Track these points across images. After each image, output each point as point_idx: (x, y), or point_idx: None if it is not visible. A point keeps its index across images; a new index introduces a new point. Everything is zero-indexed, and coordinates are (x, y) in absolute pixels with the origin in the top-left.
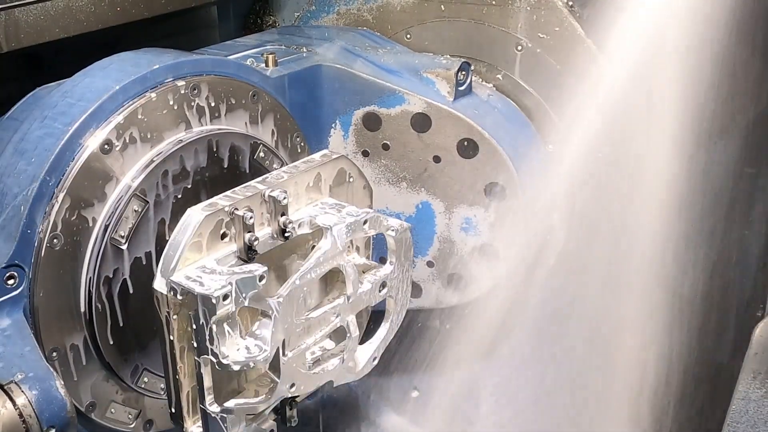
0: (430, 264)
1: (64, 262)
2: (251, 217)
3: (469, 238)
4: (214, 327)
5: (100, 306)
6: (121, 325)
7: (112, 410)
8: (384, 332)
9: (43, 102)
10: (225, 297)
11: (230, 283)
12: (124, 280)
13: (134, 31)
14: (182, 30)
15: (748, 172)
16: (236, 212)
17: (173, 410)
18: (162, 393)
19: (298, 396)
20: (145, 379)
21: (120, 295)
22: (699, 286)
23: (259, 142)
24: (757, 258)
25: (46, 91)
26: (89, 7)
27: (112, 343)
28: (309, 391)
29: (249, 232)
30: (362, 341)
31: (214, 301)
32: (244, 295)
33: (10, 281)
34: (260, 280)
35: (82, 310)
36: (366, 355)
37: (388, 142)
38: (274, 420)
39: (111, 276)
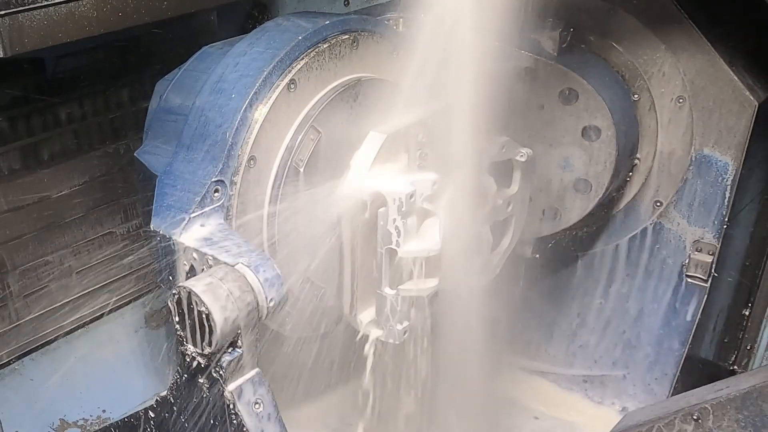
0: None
1: (254, 179)
2: (422, 136)
3: (565, 174)
4: (399, 221)
5: None
6: None
7: None
8: (507, 242)
9: (232, 51)
10: (411, 196)
11: (412, 185)
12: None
13: (135, 35)
14: (182, 34)
15: None
16: (409, 132)
17: (347, 305)
18: None
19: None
20: None
21: None
22: None
23: None
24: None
25: (214, 48)
26: (92, 13)
27: None
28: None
29: (420, 150)
30: None
31: (401, 198)
32: (421, 196)
33: (216, 194)
34: (434, 185)
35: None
36: (495, 260)
37: None
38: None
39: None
